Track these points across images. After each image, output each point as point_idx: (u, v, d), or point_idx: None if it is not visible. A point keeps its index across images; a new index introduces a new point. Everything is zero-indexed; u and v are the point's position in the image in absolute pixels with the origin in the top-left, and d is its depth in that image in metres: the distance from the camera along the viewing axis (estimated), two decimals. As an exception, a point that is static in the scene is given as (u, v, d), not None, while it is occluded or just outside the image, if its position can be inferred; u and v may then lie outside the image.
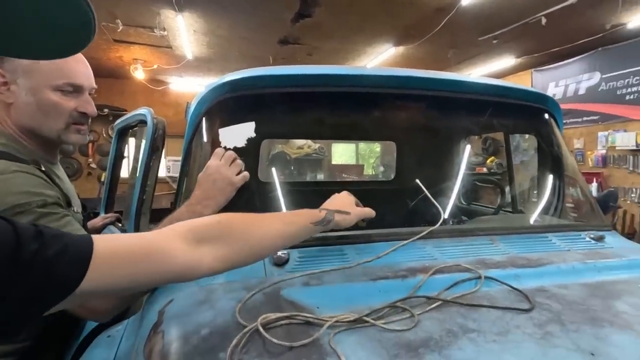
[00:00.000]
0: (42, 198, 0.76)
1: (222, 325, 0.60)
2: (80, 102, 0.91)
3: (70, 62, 0.90)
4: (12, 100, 0.87)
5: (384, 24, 4.05)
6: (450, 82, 1.28)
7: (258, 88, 1.14)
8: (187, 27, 4.06)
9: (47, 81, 0.86)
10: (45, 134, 0.89)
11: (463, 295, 0.72)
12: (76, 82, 0.90)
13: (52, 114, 0.88)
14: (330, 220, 0.78)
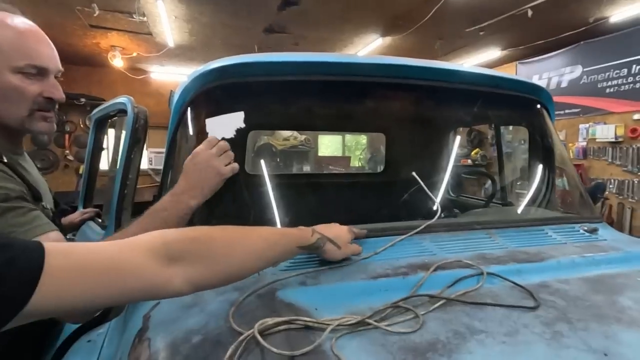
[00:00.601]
0: (4, 192, 0.69)
1: (215, 331, 0.56)
2: (45, 86, 0.82)
3: (33, 41, 0.81)
4: None
5: (372, 13, 3.98)
6: (444, 71, 1.24)
7: (246, 76, 1.08)
8: (168, 12, 3.90)
9: (6, 62, 0.77)
10: (6, 121, 0.80)
11: (466, 292, 0.69)
12: (40, 63, 0.80)
13: (14, 99, 0.79)
14: (319, 247, 0.74)
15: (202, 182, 0.83)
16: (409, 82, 1.18)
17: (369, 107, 1.53)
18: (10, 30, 0.78)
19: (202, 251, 0.57)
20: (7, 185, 0.71)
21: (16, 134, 0.87)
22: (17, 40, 0.78)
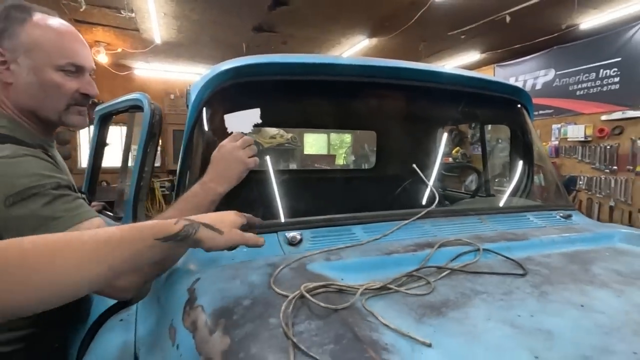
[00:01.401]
0: (55, 180, 0.75)
1: (262, 296, 0.65)
2: (81, 83, 0.88)
3: (72, 42, 0.87)
4: (12, 80, 0.84)
5: (360, 15, 4.11)
6: (434, 73, 1.37)
7: (260, 75, 1.17)
8: (157, 9, 3.89)
9: (49, 60, 0.83)
10: (45, 114, 0.87)
11: (467, 265, 0.81)
12: (78, 62, 0.87)
13: (54, 94, 0.85)
14: (188, 235, 0.61)
15: (228, 172, 0.91)
16: (404, 83, 1.29)
17: (366, 106, 1.65)
18: (52, 32, 0.85)
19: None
20: (57, 175, 0.77)
21: (51, 127, 0.93)
22: (58, 40, 0.85)
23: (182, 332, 0.64)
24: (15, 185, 0.70)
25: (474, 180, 5.17)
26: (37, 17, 0.85)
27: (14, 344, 0.85)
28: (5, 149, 0.74)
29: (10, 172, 0.71)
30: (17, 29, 0.82)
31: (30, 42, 0.83)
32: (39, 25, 0.84)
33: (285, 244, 0.92)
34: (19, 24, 0.83)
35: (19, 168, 0.72)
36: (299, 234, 0.93)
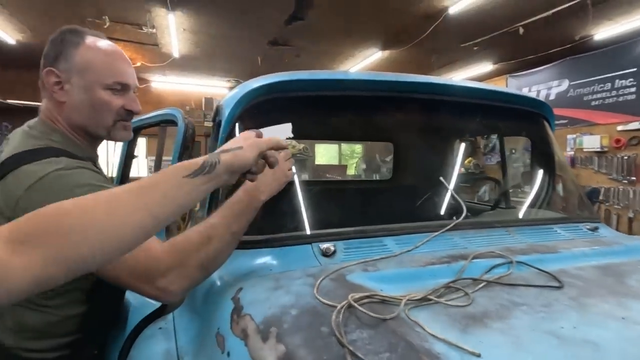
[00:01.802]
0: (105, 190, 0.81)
1: (308, 306, 0.67)
2: (127, 100, 0.94)
3: (119, 62, 0.93)
4: (65, 99, 0.90)
5: (373, 28, 4.18)
6: (458, 88, 1.40)
7: (293, 91, 1.22)
8: (177, 25, 4.02)
9: (99, 80, 0.89)
10: (94, 130, 0.93)
11: (501, 277, 0.82)
12: (124, 80, 0.92)
13: (103, 111, 0.91)
14: (213, 164, 0.61)
15: (271, 181, 0.95)
16: (426, 97, 1.33)
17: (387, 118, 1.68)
18: (102, 53, 0.91)
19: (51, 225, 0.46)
20: (106, 185, 0.81)
21: (99, 141, 0.99)
22: (107, 61, 0.91)
23: (232, 340, 0.67)
24: (71, 194, 0.74)
25: (487, 191, 5.14)
26: (89, 40, 0.91)
27: (60, 351, 0.89)
28: (61, 162, 0.79)
29: (66, 183, 0.76)
30: (71, 52, 0.89)
31: (83, 64, 0.89)
32: (91, 48, 0.90)
33: (319, 255, 0.94)
34: (74, 47, 0.89)
35: (74, 179, 0.77)
36: (333, 245, 0.96)
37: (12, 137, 0.93)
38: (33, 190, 0.74)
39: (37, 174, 0.75)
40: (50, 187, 0.74)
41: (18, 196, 0.74)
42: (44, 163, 0.77)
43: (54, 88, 0.89)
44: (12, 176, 0.78)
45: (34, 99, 5.52)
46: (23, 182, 0.75)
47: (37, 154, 0.80)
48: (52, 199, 0.72)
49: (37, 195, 0.73)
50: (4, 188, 0.78)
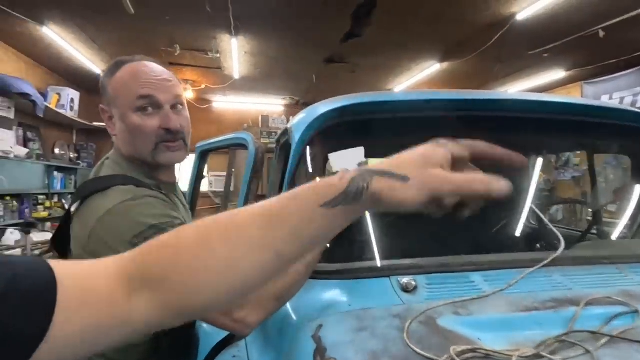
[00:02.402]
0: (171, 219, 0.79)
1: (401, 354, 0.61)
2: (162, 118, 0.85)
3: (144, 77, 0.85)
4: (115, 131, 0.91)
5: (432, 40, 4.06)
6: (551, 104, 1.27)
7: (366, 113, 1.18)
8: (239, 49, 4.25)
9: (127, 104, 0.85)
10: (142, 158, 0.89)
11: (627, 330, 0.69)
12: (146, 92, 0.84)
13: (139, 136, 0.85)
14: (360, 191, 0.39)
15: None
16: (514, 115, 1.22)
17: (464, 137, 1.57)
18: (127, 74, 0.87)
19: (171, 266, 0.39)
20: (173, 214, 0.81)
21: (155, 168, 0.93)
22: (131, 81, 0.85)
23: (318, 385, 0.63)
24: (140, 225, 0.75)
25: (559, 210, 4.64)
26: (125, 68, 0.88)
27: None
28: (129, 192, 0.80)
29: (134, 215, 0.76)
30: (107, 85, 0.89)
31: (113, 92, 0.88)
32: (119, 73, 0.88)
33: (400, 290, 0.87)
34: (109, 78, 0.90)
35: (143, 208, 0.78)
36: (413, 280, 0.89)
37: (101, 161, 0.98)
38: (103, 222, 0.76)
39: (106, 205, 0.77)
40: (119, 219, 0.76)
41: (91, 227, 0.77)
42: (113, 194, 0.79)
43: (108, 123, 0.92)
44: (86, 206, 0.82)
45: (114, 121, 6.13)
46: (94, 213, 0.78)
47: (106, 181, 0.84)
48: (121, 230, 0.74)
49: (107, 227, 0.76)
50: (80, 217, 0.83)
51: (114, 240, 0.74)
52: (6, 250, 3.07)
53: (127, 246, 0.72)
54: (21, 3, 3.30)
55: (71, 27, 3.76)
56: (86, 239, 0.77)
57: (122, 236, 0.73)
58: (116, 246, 0.73)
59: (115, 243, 0.73)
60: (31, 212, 4.26)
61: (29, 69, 4.71)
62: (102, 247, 0.75)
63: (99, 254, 0.75)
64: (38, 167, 4.47)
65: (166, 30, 3.83)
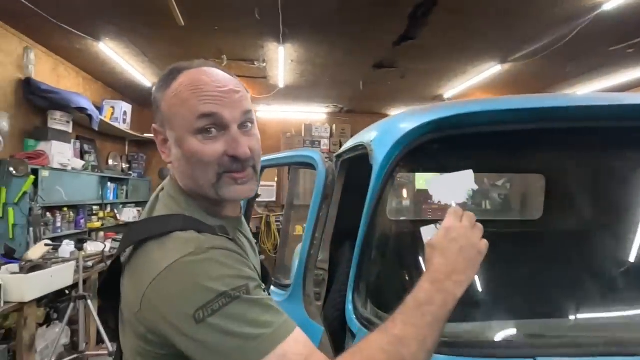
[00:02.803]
0: (245, 282, 0.58)
1: None
2: (227, 142, 0.65)
3: (202, 87, 0.66)
4: (170, 158, 0.71)
5: (493, 40, 3.69)
6: None
7: (467, 126, 0.93)
8: (286, 57, 4.13)
9: (186, 125, 0.65)
10: (203, 192, 0.68)
11: None
12: (208, 110, 0.64)
13: (198, 165, 0.66)
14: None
15: (465, 264, 0.66)
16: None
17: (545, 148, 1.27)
18: (185, 88, 0.67)
19: None
20: (245, 272, 0.60)
21: (219, 204, 0.73)
22: (190, 95, 0.65)
23: None
24: (204, 292, 0.54)
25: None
26: (180, 77, 0.68)
27: None
28: (190, 243, 0.59)
29: (198, 276, 0.56)
30: (160, 100, 0.69)
31: (168, 109, 0.68)
32: (177, 86, 0.67)
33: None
34: (162, 91, 0.69)
35: (203, 269, 0.57)
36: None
37: (155, 193, 0.78)
38: (158, 287, 0.57)
39: (160, 263, 0.58)
40: (178, 284, 0.56)
41: (142, 292, 0.58)
42: (170, 244, 0.60)
43: (161, 147, 0.71)
44: (137, 258, 0.62)
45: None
46: (147, 272, 0.59)
47: (162, 224, 0.63)
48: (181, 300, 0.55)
49: (163, 295, 0.57)
50: (131, 271, 0.63)
51: (173, 313, 0.55)
52: (62, 263, 3.11)
53: (191, 322, 0.54)
54: (81, 21, 3.39)
55: (124, 41, 3.83)
56: (137, 305, 0.59)
57: (182, 308, 0.54)
58: (177, 321, 0.55)
59: (175, 317, 0.55)
60: (86, 223, 4.39)
61: (87, 84, 4.92)
62: (158, 320, 0.57)
63: (155, 328, 0.59)
64: (93, 179, 4.62)
65: (214, 41, 3.80)
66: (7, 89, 3.53)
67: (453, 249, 0.66)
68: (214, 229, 0.64)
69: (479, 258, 0.68)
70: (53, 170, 3.74)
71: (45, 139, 3.78)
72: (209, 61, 0.74)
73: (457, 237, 0.67)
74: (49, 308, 3.31)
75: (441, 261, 0.66)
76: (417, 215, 3.95)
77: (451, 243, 0.67)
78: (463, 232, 0.68)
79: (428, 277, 0.65)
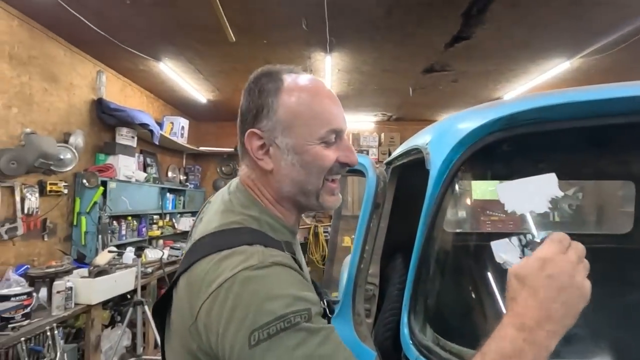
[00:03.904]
0: (307, 306, 0.53)
1: None
2: (341, 150, 0.72)
3: (329, 102, 0.72)
4: (272, 166, 0.70)
5: (560, 34, 3.35)
6: None
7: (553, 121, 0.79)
8: (332, 66, 4.12)
9: (310, 132, 0.69)
10: (305, 200, 0.72)
11: None
12: (338, 126, 0.71)
13: (315, 171, 0.70)
14: None
15: (563, 312, 0.52)
16: None
17: None
18: (307, 96, 0.70)
19: None
20: (307, 296, 0.55)
21: (305, 212, 0.79)
22: (315, 105, 0.70)
23: None
24: (262, 313, 0.50)
25: None
26: (288, 81, 0.71)
27: None
28: (253, 255, 0.56)
29: (258, 293, 0.52)
30: (273, 104, 0.69)
31: (288, 115, 0.68)
32: (293, 91, 0.69)
33: None
34: (274, 96, 0.69)
35: (265, 286, 0.53)
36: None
37: (212, 203, 0.77)
38: (216, 300, 0.53)
39: (221, 273, 0.54)
40: (237, 298, 0.52)
41: (200, 302, 0.54)
42: (233, 256, 0.56)
43: (258, 154, 0.70)
44: (197, 266, 0.58)
45: (215, 146, 6.58)
46: (206, 281, 0.55)
47: (230, 237, 0.60)
48: (239, 316, 0.51)
49: (220, 309, 0.52)
50: (188, 280, 0.59)
51: (228, 331, 0.51)
52: (125, 269, 3.31)
53: (244, 344, 0.50)
54: (144, 45, 3.67)
55: (181, 60, 4.07)
56: (192, 318, 0.55)
57: (238, 326, 0.50)
58: (231, 340, 0.51)
59: (230, 336, 0.51)
60: (147, 231, 4.67)
61: (149, 102, 5.31)
62: (212, 335, 0.53)
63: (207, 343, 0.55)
64: (154, 189, 4.93)
65: (263, 54, 3.89)
66: (82, 108, 3.91)
67: (550, 289, 0.53)
68: (281, 245, 0.63)
69: (581, 305, 0.53)
70: (119, 181, 4.05)
71: (113, 153, 4.12)
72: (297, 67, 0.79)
73: (557, 275, 0.53)
74: (114, 311, 3.54)
75: (532, 303, 0.53)
76: (473, 227, 3.68)
77: (548, 281, 0.53)
78: (566, 269, 0.53)
79: (514, 321, 0.53)
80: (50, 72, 3.47)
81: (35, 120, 3.29)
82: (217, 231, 0.63)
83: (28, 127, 3.18)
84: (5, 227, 2.89)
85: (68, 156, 3.55)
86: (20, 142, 3.08)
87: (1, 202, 2.90)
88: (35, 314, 2.51)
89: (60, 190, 3.42)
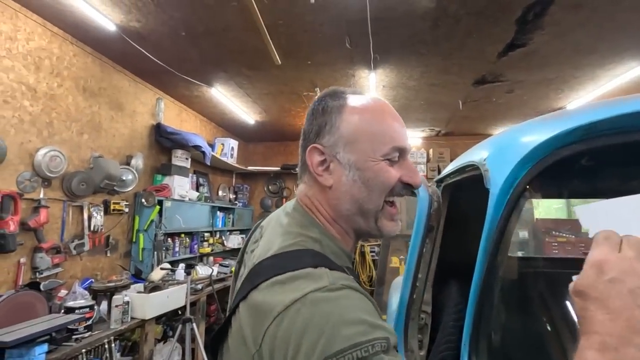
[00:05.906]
0: (385, 335, 0.48)
1: None
2: (404, 169, 0.69)
3: (391, 119, 0.70)
4: (331, 182, 0.68)
5: (633, 34, 3.02)
6: None
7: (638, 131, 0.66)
8: (377, 83, 4.08)
9: (372, 149, 0.67)
10: (363, 221, 0.69)
11: None
12: (402, 144, 0.69)
13: (376, 188, 0.67)
14: None
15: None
16: None
17: None
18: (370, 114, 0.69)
19: None
20: (382, 324, 0.49)
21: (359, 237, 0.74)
22: (378, 123, 0.69)
23: None
24: (337, 339, 0.45)
25: None
26: (351, 100, 0.70)
27: None
28: (322, 277, 0.52)
29: (331, 315, 0.47)
30: (336, 120, 0.68)
31: (350, 132, 0.67)
32: (356, 109, 0.69)
33: None
34: (337, 113, 0.69)
35: (339, 309, 0.48)
36: None
37: (268, 225, 0.74)
38: (283, 323, 0.49)
39: (290, 295, 0.50)
40: (306, 318, 0.47)
41: (266, 326, 0.50)
42: (298, 278, 0.52)
43: (318, 169, 0.68)
44: (260, 292, 0.54)
45: (262, 165, 6.77)
46: (275, 305, 0.51)
47: (292, 260, 0.57)
48: (310, 341, 0.45)
49: (289, 333, 0.47)
50: (250, 305, 0.55)
51: (298, 356, 0.46)
52: (177, 285, 3.44)
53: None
54: (198, 72, 3.92)
55: (231, 85, 4.28)
56: (255, 346, 0.51)
57: (309, 352, 0.45)
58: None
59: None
60: (198, 248, 4.86)
61: (202, 125, 5.63)
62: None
63: None
64: (205, 208, 5.15)
65: (308, 75, 3.96)
66: (143, 132, 4.24)
67: (619, 294, 0.44)
68: (344, 270, 0.59)
69: None
70: (174, 200, 4.29)
71: (169, 173, 4.38)
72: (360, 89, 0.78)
73: (620, 276, 0.45)
74: (166, 326, 3.67)
75: (605, 316, 0.44)
76: (538, 251, 3.35)
77: (612, 285, 0.45)
78: (627, 266, 0.45)
79: (591, 343, 0.43)
80: (116, 101, 3.81)
81: (102, 145, 3.62)
82: (278, 254, 0.60)
83: (96, 151, 3.50)
84: (74, 243, 3.15)
85: (129, 177, 3.83)
86: (89, 165, 3.38)
87: (71, 220, 3.18)
88: (95, 327, 2.68)
89: (122, 209, 3.68)
